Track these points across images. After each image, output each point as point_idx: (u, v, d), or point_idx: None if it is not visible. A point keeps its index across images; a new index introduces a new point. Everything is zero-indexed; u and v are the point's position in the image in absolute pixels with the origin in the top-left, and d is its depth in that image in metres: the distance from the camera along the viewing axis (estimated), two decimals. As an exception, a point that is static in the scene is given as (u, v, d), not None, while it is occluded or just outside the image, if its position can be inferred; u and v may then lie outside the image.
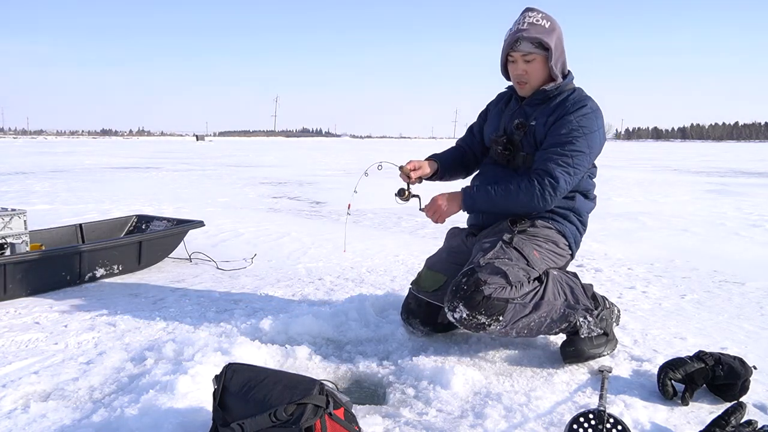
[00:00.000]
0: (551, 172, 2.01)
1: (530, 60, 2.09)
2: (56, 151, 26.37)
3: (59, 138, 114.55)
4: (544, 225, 2.13)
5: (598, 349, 2.04)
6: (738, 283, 3.28)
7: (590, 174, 2.21)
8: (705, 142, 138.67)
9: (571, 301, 2.03)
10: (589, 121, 2.06)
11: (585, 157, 2.05)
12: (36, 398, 1.77)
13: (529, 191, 2.02)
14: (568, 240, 2.15)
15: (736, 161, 21.19)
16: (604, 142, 2.14)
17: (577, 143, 2.03)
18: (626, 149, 45.29)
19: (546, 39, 2.05)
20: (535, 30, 2.06)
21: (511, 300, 1.92)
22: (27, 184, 9.32)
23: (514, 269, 1.96)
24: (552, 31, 2.08)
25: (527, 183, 2.03)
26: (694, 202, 7.43)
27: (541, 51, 2.07)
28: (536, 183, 2.02)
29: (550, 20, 2.10)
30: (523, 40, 2.06)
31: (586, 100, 2.11)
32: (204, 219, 3.86)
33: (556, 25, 2.11)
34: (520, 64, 2.11)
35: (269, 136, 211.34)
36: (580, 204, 2.19)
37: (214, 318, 2.56)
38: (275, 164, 16.92)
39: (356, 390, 1.88)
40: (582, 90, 2.18)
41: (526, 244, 2.04)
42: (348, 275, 3.38)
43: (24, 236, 3.14)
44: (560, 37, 2.12)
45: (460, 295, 1.91)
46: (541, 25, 2.07)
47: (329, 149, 35.48)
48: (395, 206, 6.74)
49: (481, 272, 1.93)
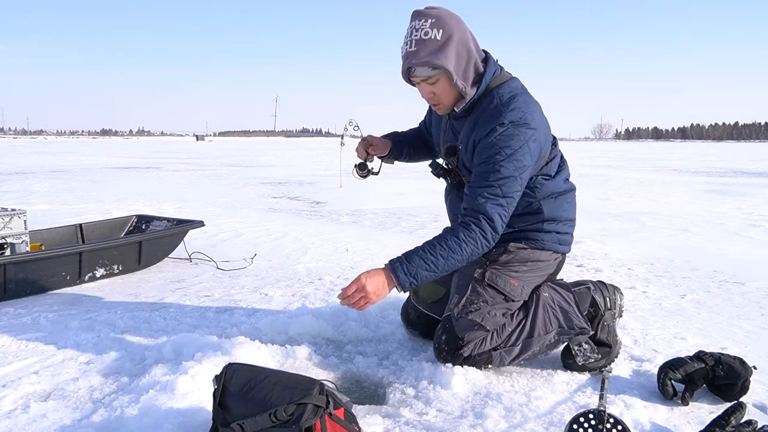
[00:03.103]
0: (484, 210, 1.78)
1: (434, 82, 1.84)
2: (56, 151, 26.37)
3: (59, 138, 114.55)
4: (518, 247, 1.98)
5: (599, 362, 1.98)
6: (738, 283, 3.28)
7: (554, 171, 1.99)
8: (705, 142, 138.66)
9: (565, 326, 1.94)
10: (509, 140, 1.78)
11: (514, 181, 1.79)
12: (36, 398, 1.77)
13: (472, 238, 1.77)
14: (551, 249, 2.01)
15: (736, 161, 21.18)
16: (538, 146, 1.85)
17: (502, 170, 1.77)
18: (626, 149, 45.31)
19: (440, 61, 1.76)
20: (425, 50, 1.75)
21: (495, 348, 1.89)
22: (27, 184, 9.32)
23: (490, 315, 1.87)
24: (446, 41, 1.76)
25: (465, 231, 1.78)
26: (694, 202, 7.43)
27: (441, 70, 1.79)
28: (473, 227, 1.78)
29: (442, 25, 1.76)
30: (416, 67, 1.79)
31: (503, 111, 1.81)
32: (204, 219, 3.86)
33: (452, 28, 1.78)
34: (425, 88, 1.87)
35: (269, 136, 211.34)
36: (550, 209, 1.98)
37: (214, 318, 2.56)
38: (275, 164, 16.92)
39: (356, 390, 1.88)
40: (502, 90, 1.87)
41: (499, 276, 1.92)
42: (348, 275, 3.37)
43: (24, 236, 3.14)
44: (461, 40, 1.79)
45: (443, 356, 1.90)
46: (431, 38, 1.75)
47: (329, 149, 35.46)
48: (395, 206, 6.75)
49: (458, 326, 1.88)
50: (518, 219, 1.97)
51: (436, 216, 5.70)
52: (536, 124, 1.83)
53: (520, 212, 1.96)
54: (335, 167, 15.34)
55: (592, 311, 2.03)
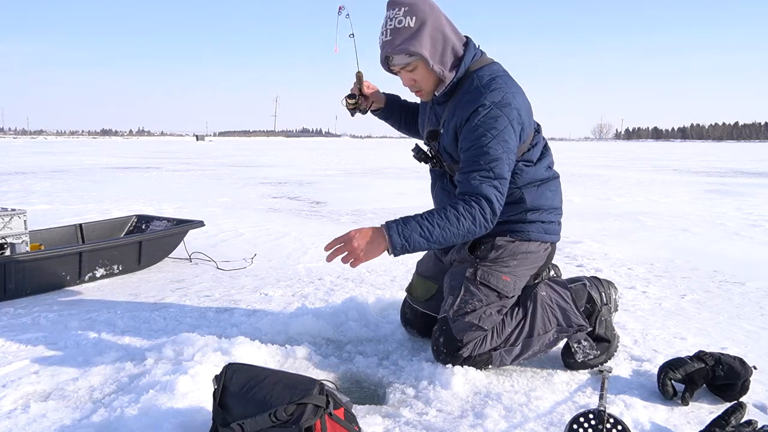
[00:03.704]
0: (480, 191, 1.76)
1: (412, 69, 1.86)
2: (56, 151, 26.37)
3: (59, 138, 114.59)
4: (505, 241, 1.96)
5: (599, 358, 1.99)
6: (738, 283, 3.28)
7: (535, 157, 1.96)
8: (705, 142, 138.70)
9: (564, 325, 1.95)
10: (494, 121, 1.77)
11: (503, 162, 1.78)
12: (36, 398, 1.77)
13: (471, 215, 1.74)
14: (538, 239, 1.98)
15: (736, 161, 21.18)
16: (520, 128, 1.84)
17: (490, 151, 1.77)
18: (626, 149, 45.31)
19: (414, 47, 1.78)
20: (400, 37, 1.79)
21: (495, 348, 1.89)
22: (27, 184, 9.32)
23: (486, 314, 1.87)
24: (420, 28, 1.79)
25: (464, 206, 1.75)
26: (694, 202, 7.43)
27: (417, 56, 1.81)
28: (474, 204, 1.75)
29: (416, 12, 1.79)
30: (393, 55, 1.83)
31: (483, 92, 1.80)
32: (204, 219, 3.86)
33: (425, 14, 1.79)
34: (404, 75, 1.90)
35: (269, 136, 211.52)
36: (533, 198, 1.96)
37: (214, 318, 2.56)
38: (275, 164, 16.92)
39: (356, 390, 1.88)
40: (482, 72, 1.87)
41: (491, 274, 1.91)
42: (348, 275, 3.38)
43: (24, 236, 3.14)
44: (434, 25, 1.81)
45: (443, 358, 1.90)
46: (405, 26, 1.78)
47: (329, 149, 35.47)
48: (395, 206, 6.75)
49: (455, 328, 1.87)
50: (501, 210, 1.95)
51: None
52: (518, 105, 1.83)
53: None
54: (335, 167, 15.34)
55: (589, 307, 2.04)
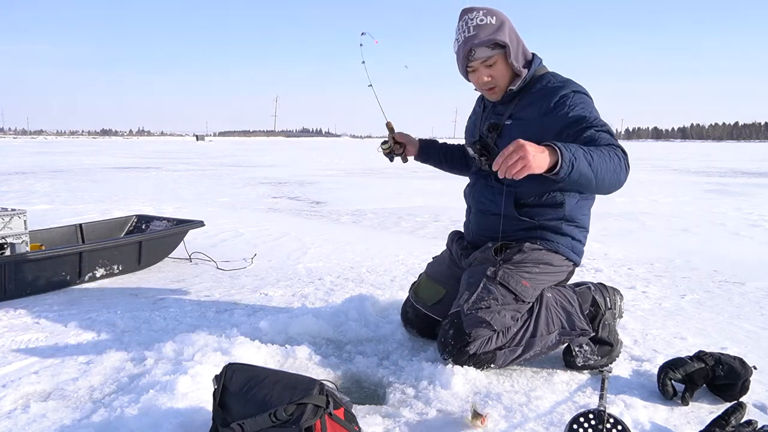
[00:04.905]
0: (613, 142, 1.75)
1: (492, 63, 1.95)
2: (56, 151, 26.37)
3: (59, 138, 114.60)
4: (532, 248, 1.98)
5: (599, 363, 1.99)
6: (738, 283, 3.28)
7: None
8: (705, 142, 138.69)
9: (567, 328, 1.95)
10: (584, 102, 1.89)
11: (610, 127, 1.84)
12: (36, 398, 1.77)
13: (617, 155, 1.70)
14: (565, 254, 2.02)
15: (736, 161, 21.18)
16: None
17: (597, 115, 1.85)
18: (626, 149, 45.26)
19: (499, 37, 1.90)
20: (484, 32, 1.90)
21: (499, 348, 1.89)
22: (27, 184, 9.32)
23: (500, 315, 1.87)
24: (501, 25, 1.92)
25: (609, 149, 1.70)
26: (694, 202, 7.43)
27: (499, 50, 1.93)
28: (616, 148, 1.72)
29: (494, 14, 1.93)
30: (476, 48, 1.91)
31: (564, 86, 1.93)
32: (204, 219, 3.86)
33: (503, 17, 1.94)
34: (482, 71, 1.97)
35: (269, 136, 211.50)
36: (571, 208, 2.01)
37: (214, 318, 2.56)
38: (275, 164, 16.92)
39: (356, 390, 1.88)
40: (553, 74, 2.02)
41: (512, 276, 1.92)
42: (348, 275, 3.38)
43: (24, 236, 3.14)
44: (511, 27, 1.96)
45: (448, 351, 1.89)
46: (487, 23, 1.91)
47: (329, 149, 35.48)
48: (395, 206, 6.75)
49: (466, 322, 1.86)
50: (539, 211, 2.01)
51: (436, 216, 5.69)
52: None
53: (542, 203, 2.00)
54: (335, 167, 15.34)
55: (593, 310, 2.03)
